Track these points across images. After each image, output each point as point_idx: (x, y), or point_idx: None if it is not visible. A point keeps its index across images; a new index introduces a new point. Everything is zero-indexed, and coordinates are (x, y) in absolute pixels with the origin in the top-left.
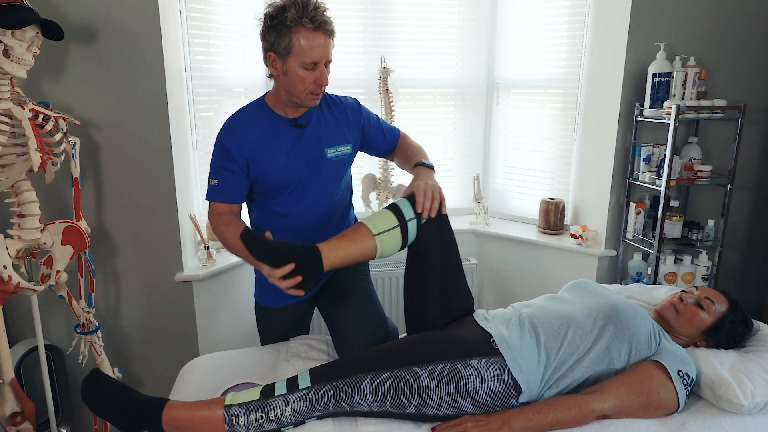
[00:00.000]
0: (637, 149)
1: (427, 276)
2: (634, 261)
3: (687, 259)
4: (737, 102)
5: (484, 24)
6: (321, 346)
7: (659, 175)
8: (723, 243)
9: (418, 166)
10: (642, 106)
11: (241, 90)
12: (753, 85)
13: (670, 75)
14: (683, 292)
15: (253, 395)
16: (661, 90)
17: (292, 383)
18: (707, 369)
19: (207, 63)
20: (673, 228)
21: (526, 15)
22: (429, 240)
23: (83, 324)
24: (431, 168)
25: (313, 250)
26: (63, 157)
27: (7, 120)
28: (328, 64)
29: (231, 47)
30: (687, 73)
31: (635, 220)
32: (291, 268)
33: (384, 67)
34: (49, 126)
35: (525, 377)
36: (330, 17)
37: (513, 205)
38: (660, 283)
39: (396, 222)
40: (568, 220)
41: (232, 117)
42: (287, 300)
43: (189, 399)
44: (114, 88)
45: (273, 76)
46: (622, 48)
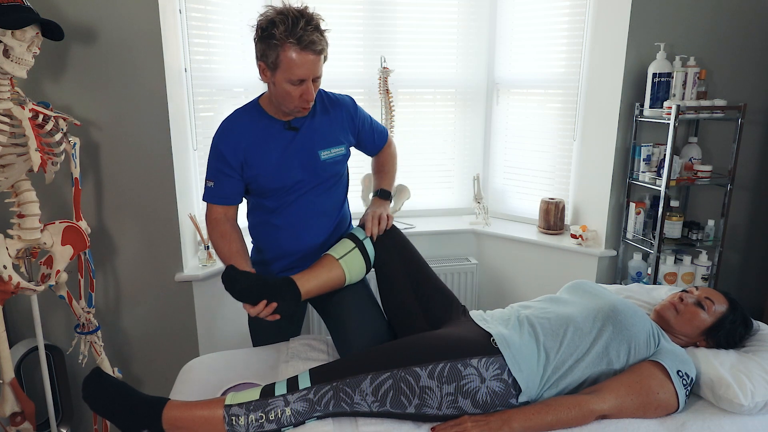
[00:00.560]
0: (637, 149)
1: (402, 295)
2: (634, 261)
3: (687, 259)
4: (737, 102)
5: (484, 24)
6: (321, 346)
7: (659, 175)
8: (723, 243)
9: (375, 196)
10: (642, 106)
11: (241, 90)
12: (753, 85)
13: (670, 75)
14: (683, 291)
15: (253, 395)
16: (661, 90)
17: (292, 383)
18: (707, 369)
19: (207, 63)
20: (673, 228)
21: (526, 15)
22: (391, 261)
23: (83, 324)
24: (388, 197)
25: (290, 282)
26: (63, 157)
27: (7, 120)
28: (316, 80)
29: (231, 47)
30: (687, 73)
31: (635, 220)
32: (264, 305)
33: (384, 67)
34: (49, 126)
35: (524, 376)
36: (320, 36)
37: (513, 205)
38: (660, 283)
39: (353, 245)
40: (568, 220)
41: (226, 119)
42: None
43: (189, 399)
44: (114, 88)
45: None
46: (622, 48)
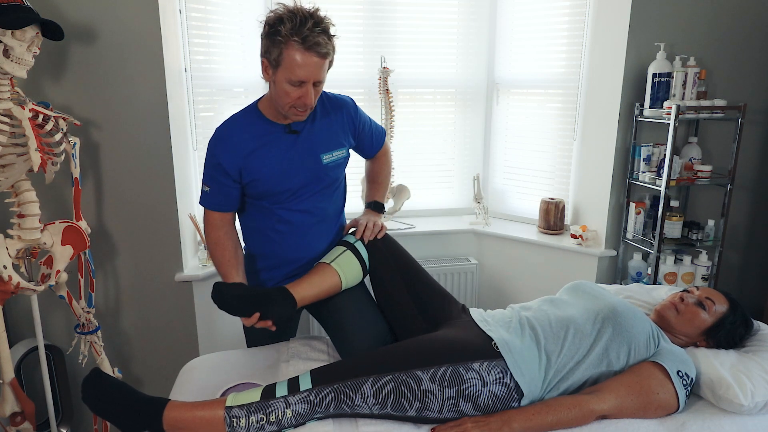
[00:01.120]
0: (637, 149)
1: (398, 297)
2: (634, 261)
3: (687, 259)
4: (737, 102)
5: (484, 24)
6: (321, 346)
7: (659, 175)
8: (723, 243)
9: (367, 208)
10: (642, 106)
11: (241, 90)
12: (753, 85)
13: (670, 75)
14: (684, 291)
15: (254, 396)
16: (661, 90)
17: (293, 384)
18: (707, 369)
19: (207, 63)
20: (673, 228)
21: (526, 15)
22: (385, 264)
23: (83, 324)
24: (381, 209)
25: (284, 291)
26: (63, 157)
27: (7, 120)
28: (317, 84)
29: (231, 47)
30: (687, 73)
31: (635, 220)
32: (257, 318)
33: (384, 67)
34: (49, 126)
35: (526, 380)
36: (326, 40)
37: (513, 205)
38: (660, 283)
39: (344, 248)
40: (568, 220)
41: (222, 126)
42: None
43: (189, 399)
44: (114, 88)
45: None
46: (622, 48)
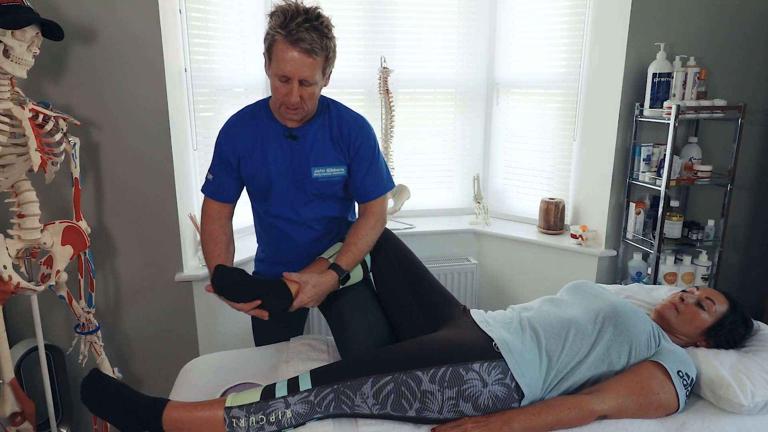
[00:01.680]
0: (637, 149)
1: (400, 296)
2: (634, 261)
3: (687, 259)
4: (737, 102)
5: (484, 24)
6: (321, 346)
7: (659, 175)
8: (723, 243)
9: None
10: (642, 106)
11: (241, 90)
12: (753, 85)
13: (670, 75)
14: (684, 291)
15: (254, 397)
16: (661, 90)
17: (292, 385)
18: (707, 369)
19: (207, 63)
20: (673, 228)
21: (526, 15)
22: (388, 262)
23: (83, 324)
24: (338, 276)
25: (280, 282)
26: (63, 157)
27: (7, 120)
28: (306, 84)
29: (231, 47)
30: (687, 73)
31: (635, 220)
32: (256, 303)
33: (384, 67)
34: (49, 126)
35: (527, 381)
36: (314, 37)
37: (513, 205)
38: (660, 283)
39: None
40: (568, 220)
41: (233, 115)
42: None
43: (189, 399)
44: (114, 88)
45: None
46: (622, 48)
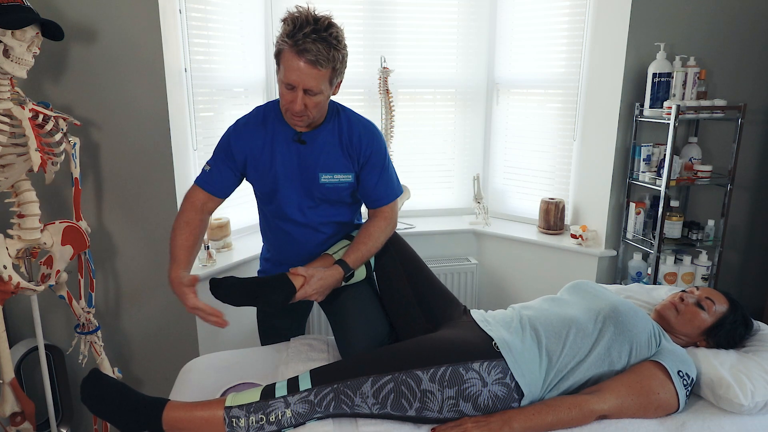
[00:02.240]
0: (637, 149)
1: (402, 296)
2: (634, 261)
3: (687, 259)
4: (737, 102)
5: (484, 24)
6: (321, 346)
7: (659, 175)
8: (723, 243)
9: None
10: (642, 106)
11: (241, 90)
12: (753, 85)
13: (670, 75)
14: (684, 291)
15: (254, 396)
16: (661, 90)
17: (292, 384)
18: (707, 369)
19: (207, 63)
20: (673, 228)
21: (526, 15)
22: (391, 262)
23: (83, 324)
24: (343, 272)
25: (283, 277)
26: (63, 157)
27: (7, 120)
28: (311, 94)
29: (231, 47)
30: (687, 73)
31: (635, 220)
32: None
33: (384, 67)
34: (49, 126)
35: (527, 380)
36: (321, 48)
37: (513, 205)
38: (660, 283)
39: (348, 241)
40: (568, 220)
41: (244, 117)
42: None
43: (189, 399)
44: (114, 88)
45: None
46: (622, 48)
